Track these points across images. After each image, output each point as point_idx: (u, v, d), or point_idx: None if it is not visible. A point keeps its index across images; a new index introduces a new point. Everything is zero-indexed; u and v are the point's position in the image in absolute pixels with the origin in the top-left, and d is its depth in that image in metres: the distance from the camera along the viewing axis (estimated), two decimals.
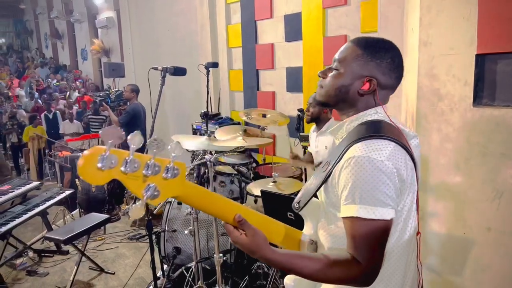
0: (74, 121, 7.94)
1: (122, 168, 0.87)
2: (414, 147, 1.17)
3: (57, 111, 8.65)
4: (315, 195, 1.16)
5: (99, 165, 0.83)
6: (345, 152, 1.05)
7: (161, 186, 0.93)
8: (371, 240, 1.00)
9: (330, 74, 1.16)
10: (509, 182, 2.05)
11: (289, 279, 1.28)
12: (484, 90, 2.10)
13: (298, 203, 1.18)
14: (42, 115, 8.60)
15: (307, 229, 1.25)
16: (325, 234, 1.16)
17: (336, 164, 1.06)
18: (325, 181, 1.10)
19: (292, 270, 1.05)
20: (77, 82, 12.05)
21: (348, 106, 1.16)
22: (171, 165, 0.94)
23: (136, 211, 0.90)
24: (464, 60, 2.12)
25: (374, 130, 1.06)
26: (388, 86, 1.14)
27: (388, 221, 1.00)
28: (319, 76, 1.20)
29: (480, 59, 2.08)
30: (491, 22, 2.00)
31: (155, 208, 3.30)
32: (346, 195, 1.01)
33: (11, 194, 3.79)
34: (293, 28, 3.98)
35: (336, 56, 1.16)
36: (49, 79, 12.86)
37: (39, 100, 10.40)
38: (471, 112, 2.14)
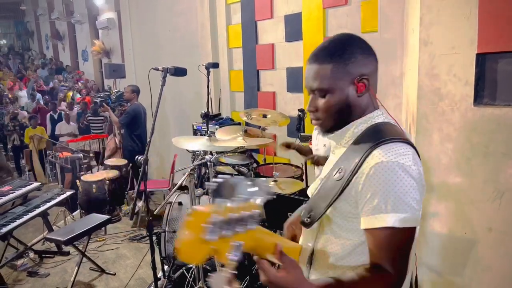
0: (71, 122, 7.96)
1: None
2: None
3: (62, 112, 8.67)
4: (327, 205, 1.06)
5: (207, 237, 0.73)
6: (365, 158, 1.00)
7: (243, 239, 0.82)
8: (404, 249, 0.98)
9: (320, 101, 1.09)
10: (510, 182, 2.04)
11: None
12: (485, 90, 2.09)
13: (309, 217, 1.10)
14: (47, 116, 8.61)
15: (307, 238, 1.18)
16: (329, 247, 1.10)
17: (356, 171, 1.01)
18: (342, 191, 1.03)
19: None
20: (79, 83, 12.06)
21: (357, 114, 1.10)
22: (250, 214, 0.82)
23: (219, 280, 0.79)
24: (464, 59, 2.12)
25: (391, 134, 1.03)
26: (373, 71, 1.10)
27: (415, 228, 0.99)
28: (310, 112, 1.13)
29: (481, 58, 2.07)
30: (492, 22, 1.99)
31: (156, 210, 3.29)
32: (375, 204, 0.96)
33: (11, 195, 3.80)
34: (294, 28, 3.98)
35: (312, 83, 1.09)
36: (56, 80, 12.88)
37: (41, 101, 10.42)
38: (472, 111, 2.13)
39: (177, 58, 5.53)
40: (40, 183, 4.28)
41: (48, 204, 3.99)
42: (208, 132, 3.09)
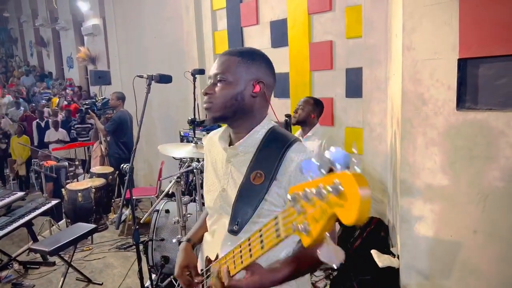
0: (60, 129, 7.85)
1: None
2: None
3: (49, 120, 8.55)
4: (253, 209, 1.10)
5: None
6: (281, 160, 1.10)
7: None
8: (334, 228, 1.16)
9: (219, 87, 1.16)
10: (494, 185, 2.07)
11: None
12: (467, 94, 2.13)
13: (237, 224, 1.10)
14: (34, 123, 8.48)
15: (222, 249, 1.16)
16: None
17: (276, 172, 1.09)
18: (266, 192, 1.09)
19: (290, 278, 1.09)
20: (67, 90, 11.92)
21: (245, 113, 1.17)
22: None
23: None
24: (447, 64, 2.15)
25: (288, 136, 1.18)
26: (271, 86, 1.21)
27: None
28: (205, 94, 1.19)
29: (463, 63, 2.11)
30: (472, 27, 2.03)
31: (143, 218, 3.26)
32: None
33: None
34: (279, 34, 4.00)
35: (216, 70, 1.17)
36: (35, 88, 12.71)
37: (27, 109, 10.27)
38: (455, 116, 2.16)
39: (163, 65, 5.51)
40: (24, 192, 4.21)
41: (33, 214, 3.92)
42: (195, 138, 3.07)
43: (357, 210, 0.63)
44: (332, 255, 0.72)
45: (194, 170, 2.76)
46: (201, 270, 1.28)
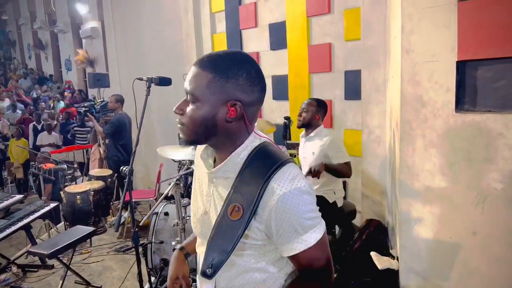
0: (53, 132, 7.84)
1: None
2: None
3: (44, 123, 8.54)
4: (231, 247, 1.00)
5: None
6: (263, 193, 0.96)
7: None
8: (328, 250, 1.07)
9: (189, 108, 1.01)
10: (493, 187, 2.08)
11: None
12: (465, 96, 2.14)
13: (211, 267, 1.00)
14: (30, 126, 8.47)
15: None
16: (250, 276, 1.07)
17: (256, 206, 0.97)
18: (245, 229, 0.98)
19: None
20: (65, 93, 11.90)
21: (221, 138, 1.02)
22: None
23: None
24: (445, 66, 2.16)
25: (274, 156, 1.01)
26: (254, 103, 1.01)
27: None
28: (176, 113, 1.04)
29: (461, 65, 2.12)
30: (471, 30, 2.04)
31: (142, 220, 3.26)
32: (293, 230, 0.98)
33: None
34: (278, 36, 4.01)
35: (187, 86, 1.01)
36: (36, 90, 12.68)
37: (21, 112, 10.24)
38: (453, 118, 2.17)
39: (162, 67, 5.51)
40: (22, 195, 4.20)
41: (31, 217, 3.91)
42: None
43: None
44: None
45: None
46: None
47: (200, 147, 1.16)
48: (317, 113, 2.99)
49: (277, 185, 0.95)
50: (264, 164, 0.99)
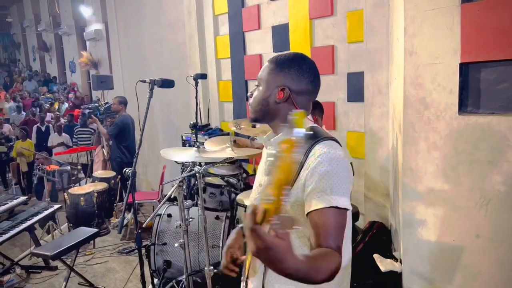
0: (63, 133, 7.87)
1: None
2: None
3: (49, 124, 8.57)
4: None
5: None
6: (308, 154, 1.14)
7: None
8: (342, 229, 1.08)
9: (255, 91, 1.30)
10: (496, 189, 2.07)
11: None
12: (469, 98, 2.13)
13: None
14: (34, 127, 8.50)
15: None
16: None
17: (302, 167, 1.13)
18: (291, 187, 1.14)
19: (300, 275, 0.91)
20: (69, 95, 11.95)
21: (273, 117, 1.27)
22: None
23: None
24: (448, 69, 2.15)
25: (323, 134, 1.21)
26: (302, 91, 1.25)
27: (349, 210, 1.11)
28: (248, 97, 1.33)
29: (464, 67, 2.11)
30: (474, 32, 2.04)
31: (145, 222, 3.27)
32: (321, 187, 1.08)
33: None
34: (281, 39, 4.01)
35: (258, 75, 1.31)
36: (37, 93, 12.74)
37: (26, 113, 10.29)
38: (457, 120, 2.17)
39: (165, 69, 5.53)
40: (26, 197, 4.22)
41: (35, 219, 3.93)
42: (197, 143, 3.08)
43: None
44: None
45: (197, 175, 2.76)
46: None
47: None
48: (313, 114, 2.99)
49: (321, 147, 1.14)
50: (310, 137, 1.17)
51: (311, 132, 1.19)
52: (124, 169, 2.44)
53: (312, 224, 1.08)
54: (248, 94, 1.33)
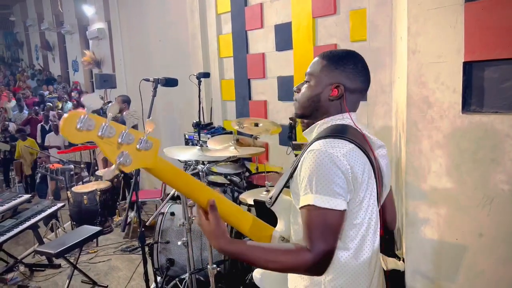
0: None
1: (99, 133, 0.95)
2: (381, 156, 1.26)
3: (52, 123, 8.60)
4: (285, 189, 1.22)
5: (78, 125, 0.92)
6: (308, 148, 1.13)
7: (134, 155, 1.01)
8: (323, 229, 1.04)
9: (304, 87, 1.27)
10: (499, 188, 2.07)
11: (257, 272, 1.35)
12: (472, 97, 2.13)
13: (270, 198, 1.25)
14: (38, 126, 8.53)
15: (280, 226, 1.29)
16: (293, 229, 1.23)
17: (300, 158, 1.14)
18: (291, 175, 1.17)
19: (246, 260, 1.12)
20: (73, 93, 11.98)
21: (321, 114, 1.24)
22: (144, 138, 1.03)
23: (108, 173, 0.99)
24: (452, 67, 2.15)
25: (337, 131, 1.16)
26: (356, 90, 1.24)
27: (341, 212, 1.06)
28: (295, 92, 1.31)
29: (468, 66, 2.11)
30: (477, 30, 2.03)
31: (148, 220, 3.28)
32: (304, 185, 1.08)
33: (1, 208, 3.75)
34: (284, 37, 4.01)
35: (308, 69, 1.29)
36: (43, 91, 12.76)
37: (26, 112, 10.31)
38: (460, 119, 2.16)
39: (168, 68, 5.54)
40: (30, 195, 4.24)
41: (39, 217, 3.94)
42: (200, 141, 3.09)
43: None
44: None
45: (200, 173, 2.77)
46: None
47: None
48: None
49: (317, 143, 1.11)
50: (328, 131, 1.16)
51: (330, 130, 1.18)
52: None
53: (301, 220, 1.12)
54: (294, 89, 1.31)
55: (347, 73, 1.21)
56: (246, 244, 1.11)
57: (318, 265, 1.04)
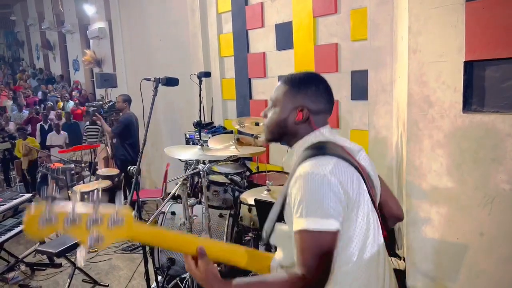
0: (61, 132, 7.89)
1: (64, 225, 0.98)
2: (363, 159, 1.26)
3: (52, 122, 8.60)
4: (279, 221, 1.19)
5: (40, 226, 0.95)
6: (294, 173, 1.12)
7: (106, 233, 1.02)
8: (316, 252, 1.03)
9: (270, 112, 1.28)
10: (500, 187, 2.07)
11: None
12: (473, 97, 2.13)
13: (266, 232, 1.22)
14: (38, 125, 8.53)
15: (278, 254, 1.24)
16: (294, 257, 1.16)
17: (288, 185, 1.13)
18: (283, 203, 1.16)
19: None
20: (73, 93, 11.99)
21: (291, 137, 1.26)
22: (114, 217, 1.04)
23: (79, 259, 1.05)
24: (453, 67, 2.15)
25: (317, 149, 1.16)
26: (320, 111, 1.24)
27: (334, 232, 1.04)
28: (262, 117, 1.32)
29: (469, 66, 2.11)
30: (478, 30, 2.03)
31: (149, 220, 3.28)
32: (295, 210, 1.07)
33: (2, 207, 3.75)
34: (285, 37, 4.01)
35: (271, 95, 1.29)
36: (44, 91, 12.78)
37: (26, 112, 10.32)
38: (461, 118, 2.16)
39: (169, 68, 5.53)
40: (31, 194, 4.24)
41: None
42: (201, 141, 3.09)
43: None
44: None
45: (201, 173, 2.77)
46: None
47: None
48: None
49: (304, 165, 1.10)
50: (309, 153, 1.15)
51: (308, 151, 1.18)
52: (129, 167, 2.45)
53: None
54: (262, 114, 1.32)
55: (309, 95, 1.23)
56: (240, 283, 1.11)
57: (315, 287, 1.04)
